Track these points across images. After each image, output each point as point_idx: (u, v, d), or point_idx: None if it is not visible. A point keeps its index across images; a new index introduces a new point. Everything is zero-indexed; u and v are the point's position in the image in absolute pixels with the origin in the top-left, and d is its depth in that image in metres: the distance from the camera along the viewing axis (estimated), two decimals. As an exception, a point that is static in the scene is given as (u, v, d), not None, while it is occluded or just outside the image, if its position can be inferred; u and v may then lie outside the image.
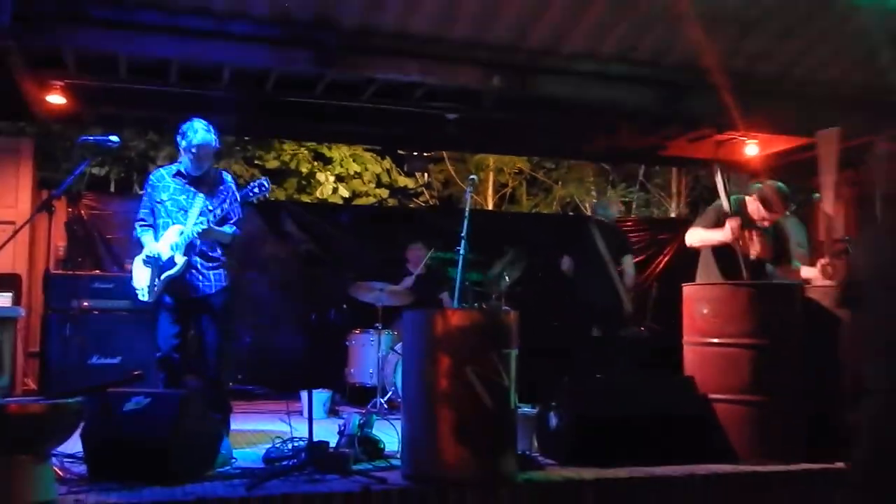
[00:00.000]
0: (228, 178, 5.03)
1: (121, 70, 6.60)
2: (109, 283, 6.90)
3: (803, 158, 9.44)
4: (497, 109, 7.67)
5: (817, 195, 6.32)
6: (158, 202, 4.86)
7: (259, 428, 5.67)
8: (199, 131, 4.76)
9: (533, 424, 4.61)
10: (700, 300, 4.64)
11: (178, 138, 4.84)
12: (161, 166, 5.59)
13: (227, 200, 4.87)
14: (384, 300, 7.09)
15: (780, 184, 5.39)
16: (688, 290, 4.81)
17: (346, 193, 13.55)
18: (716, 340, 4.53)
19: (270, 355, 8.38)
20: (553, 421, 4.44)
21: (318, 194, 13.33)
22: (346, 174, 13.73)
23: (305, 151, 13.27)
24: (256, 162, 12.97)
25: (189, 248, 4.74)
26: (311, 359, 8.39)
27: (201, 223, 4.69)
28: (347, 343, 7.49)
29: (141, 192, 13.48)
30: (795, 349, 4.52)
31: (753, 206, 5.25)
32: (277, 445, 4.39)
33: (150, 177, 5.02)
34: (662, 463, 4.23)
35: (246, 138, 11.47)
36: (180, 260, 4.72)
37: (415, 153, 8.96)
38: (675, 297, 5.15)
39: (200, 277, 4.80)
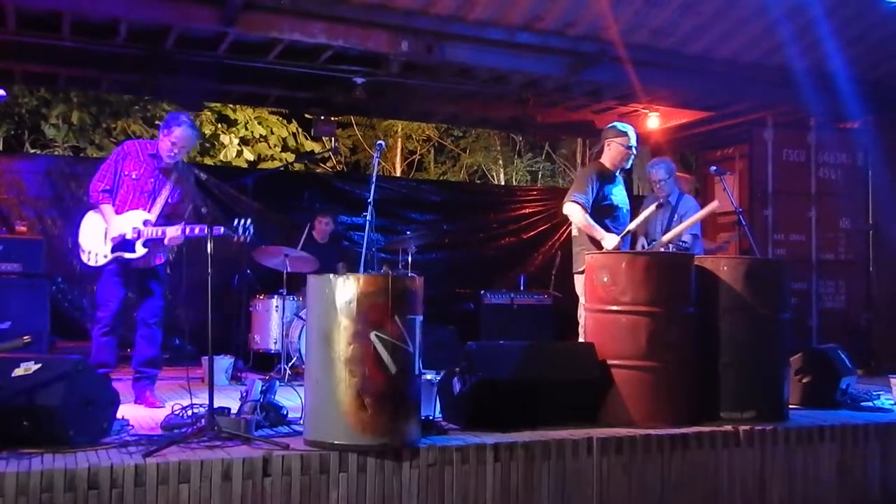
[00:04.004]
0: (194, 171, 5.51)
1: (8, 21, 6.27)
2: (-2, 246, 6.62)
3: (702, 132, 9.77)
4: (405, 75, 7.63)
5: (714, 168, 6.54)
6: (126, 174, 5.06)
7: (158, 395, 5.53)
8: (184, 125, 5.04)
9: (437, 390, 4.65)
10: (601, 268, 4.74)
11: (163, 127, 5.08)
12: (137, 139, 6.08)
13: (186, 197, 5.20)
14: (289, 265, 7.01)
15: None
16: (590, 258, 4.91)
17: (251, 157, 13.22)
18: (614, 308, 4.65)
19: (169, 320, 8.17)
20: (457, 386, 4.48)
21: (221, 157, 12.96)
22: (251, 137, 13.40)
23: (209, 113, 12.86)
24: (157, 122, 12.50)
25: (150, 241, 5.03)
26: (213, 325, 8.20)
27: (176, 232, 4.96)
28: (251, 309, 7.37)
29: (33, 151, 12.83)
30: (687, 317, 4.68)
31: None
32: (177, 412, 4.30)
33: (124, 145, 5.21)
34: (562, 426, 4.34)
35: (146, 98, 11.04)
36: (141, 250, 5.02)
37: (322, 117, 8.84)
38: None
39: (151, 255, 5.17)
